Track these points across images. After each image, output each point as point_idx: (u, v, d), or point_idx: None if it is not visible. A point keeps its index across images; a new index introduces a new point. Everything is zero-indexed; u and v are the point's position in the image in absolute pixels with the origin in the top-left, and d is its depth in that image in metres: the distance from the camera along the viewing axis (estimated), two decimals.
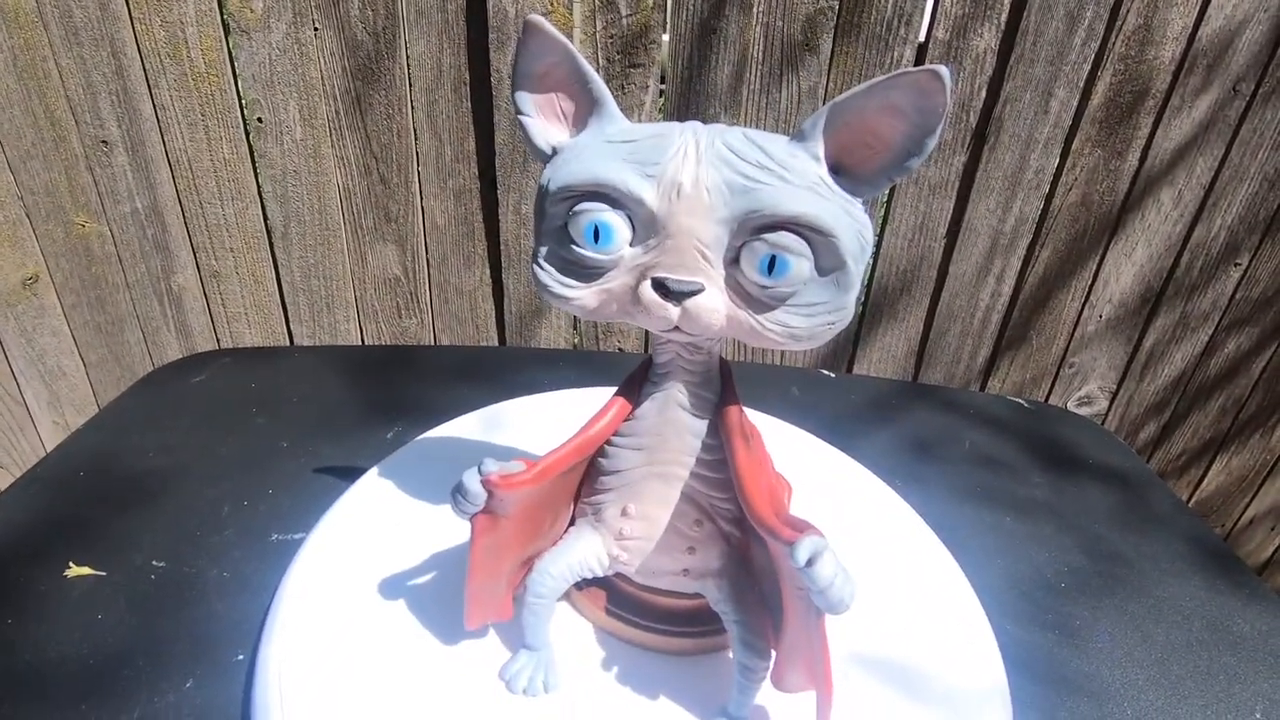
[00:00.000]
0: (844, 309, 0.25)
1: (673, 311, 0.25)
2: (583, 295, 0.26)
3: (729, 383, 0.30)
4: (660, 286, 0.25)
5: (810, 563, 0.23)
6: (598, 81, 0.26)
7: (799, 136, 0.25)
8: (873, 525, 0.44)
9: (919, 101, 0.22)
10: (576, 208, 0.25)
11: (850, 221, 0.24)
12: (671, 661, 0.34)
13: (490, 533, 0.29)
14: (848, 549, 0.41)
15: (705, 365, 0.29)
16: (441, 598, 0.35)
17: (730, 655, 0.34)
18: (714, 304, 0.25)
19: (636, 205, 0.24)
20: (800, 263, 0.24)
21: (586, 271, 0.26)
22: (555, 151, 0.27)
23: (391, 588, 0.35)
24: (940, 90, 0.22)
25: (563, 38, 0.26)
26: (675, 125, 0.25)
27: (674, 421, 0.29)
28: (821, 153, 0.24)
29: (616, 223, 0.25)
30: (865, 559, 0.41)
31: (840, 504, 0.45)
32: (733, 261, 0.25)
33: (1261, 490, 0.97)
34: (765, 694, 0.31)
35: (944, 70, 0.22)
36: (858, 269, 0.25)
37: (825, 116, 0.24)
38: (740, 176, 0.24)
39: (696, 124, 0.26)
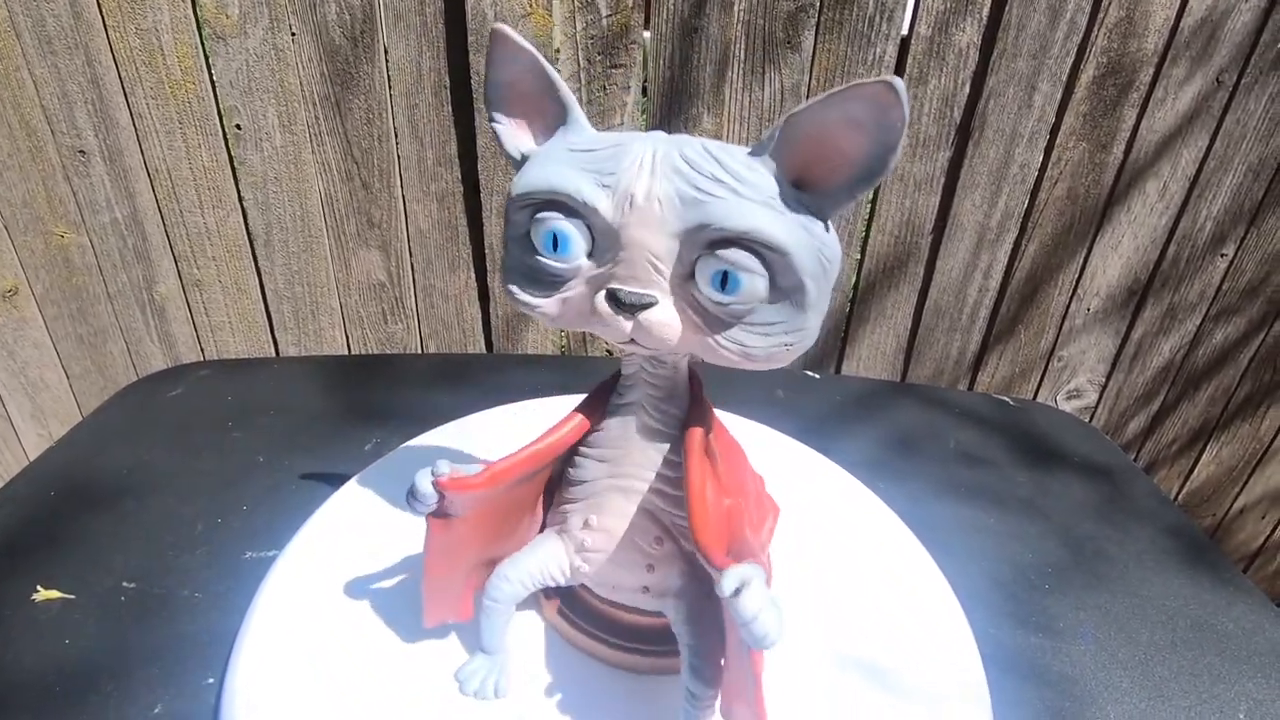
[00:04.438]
0: (803, 330, 0.24)
1: (625, 324, 0.25)
2: (544, 304, 0.26)
3: (699, 399, 0.29)
4: (613, 298, 0.24)
5: (737, 593, 0.23)
6: (565, 89, 0.27)
7: (758, 149, 0.24)
8: (849, 527, 0.44)
9: (877, 115, 0.22)
10: (537, 215, 0.25)
11: (808, 239, 0.23)
12: (627, 679, 0.34)
13: (444, 533, 0.29)
14: (823, 552, 0.41)
15: (670, 380, 0.29)
16: (416, 618, 0.35)
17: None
18: (666, 318, 0.24)
19: (592, 214, 0.24)
20: (754, 280, 0.23)
21: (549, 279, 0.26)
22: (523, 158, 0.27)
23: (365, 607, 0.35)
24: (896, 102, 0.21)
25: (529, 46, 0.26)
26: (638, 135, 0.25)
27: (635, 435, 0.29)
28: (778, 166, 0.24)
29: (573, 232, 0.25)
30: (841, 561, 0.41)
31: (817, 506, 0.45)
32: (689, 276, 0.24)
33: (1251, 479, 0.97)
34: None
35: (898, 81, 0.21)
36: (818, 289, 0.24)
37: (781, 129, 0.23)
38: (692, 189, 0.23)
39: (660, 134, 0.25)
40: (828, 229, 0.24)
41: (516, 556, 0.31)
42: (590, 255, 0.25)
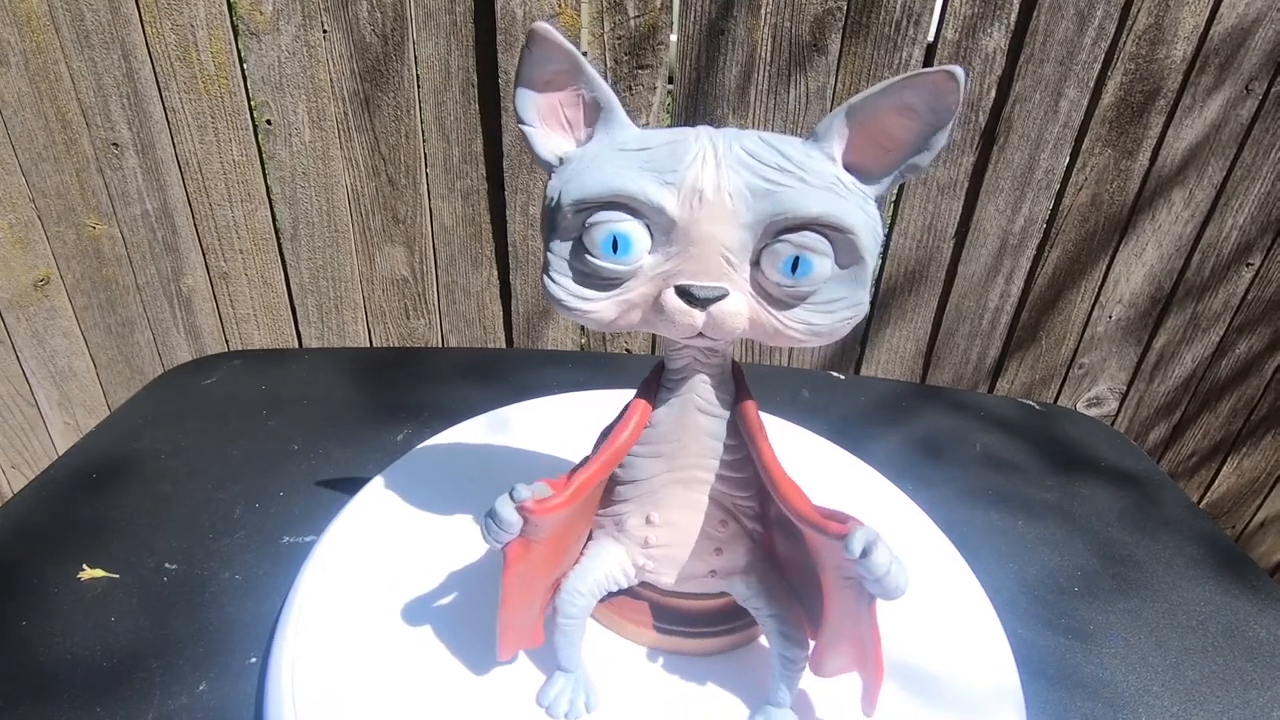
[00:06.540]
0: (861, 303, 0.25)
1: (698, 318, 0.25)
2: (601, 307, 0.26)
3: (742, 382, 0.30)
4: (684, 294, 0.25)
5: (865, 553, 0.24)
6: (605, 88, 0.26)
7: (813, 137, 0.25)
8: (884, 528, 0.43)
9: (933, 101, 0.23)
10: (593, 219, 0.24)
11: (866, 218, 0.24)
12: (705, 662, 0.34)
13: (524, 559, 0.28)
14: None
15: (721, 367, 0.29)
16: (453, 601, 0.35)
17: (759, 645, 0.35)
18: (738, 307, 0.25)
19: (656, 214, 0.24)
20: (822, 261, 0.24)
21: (603, 282, 0.25)
22: (562, 161, 0.26)
23: (403, 591, 0.35)
24: (955, 90, 0.22)
25: (568, 44, 0.25)
26: (689, 130, 0.25)
27: (693, 426, 0.29)
28: (837, 153, 0.25)
29: (636, 232, 0.24)
30: None
31: (852, 507, 0.45)
32: (754, 263, 0.25)
33: (1273, 492, 0.96)
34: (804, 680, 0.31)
35: (959, 70, 0.22)
36: (873, 263, 0.25)
37: (840, 117, 0.24)
38: (761, 180, 0.24)
39: (709, 128, 0.25)
40: (878, 205, 0.25)
41: (581, 569, 0.31)
42: (650, 252, 0.25)
